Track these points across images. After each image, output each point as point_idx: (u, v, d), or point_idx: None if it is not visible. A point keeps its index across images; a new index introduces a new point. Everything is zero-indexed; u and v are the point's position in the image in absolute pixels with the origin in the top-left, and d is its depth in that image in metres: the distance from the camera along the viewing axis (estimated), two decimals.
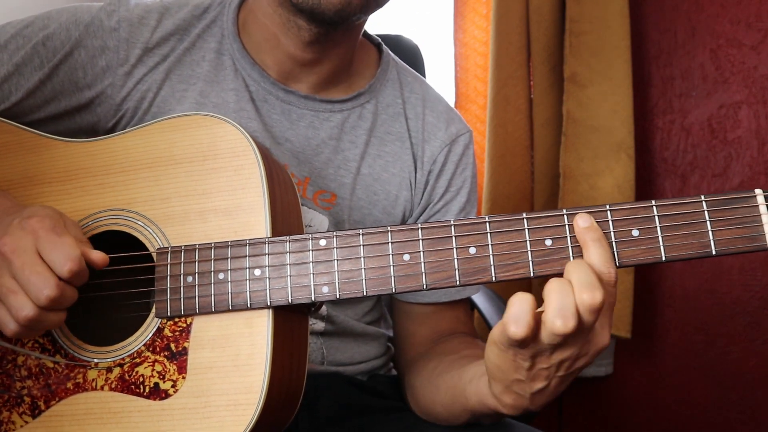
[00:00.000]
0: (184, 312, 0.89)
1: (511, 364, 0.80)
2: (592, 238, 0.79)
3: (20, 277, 0.83)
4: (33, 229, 0.85)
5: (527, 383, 0.82)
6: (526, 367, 0.80)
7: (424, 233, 0.84)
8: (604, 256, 0.78)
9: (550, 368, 0.80)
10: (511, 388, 0.84)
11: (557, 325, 0.73)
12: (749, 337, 1.94)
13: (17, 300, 0.83)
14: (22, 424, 0.93)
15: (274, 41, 1.10)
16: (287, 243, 0.88)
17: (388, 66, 1.23)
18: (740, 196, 0.80)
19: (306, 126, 1.14)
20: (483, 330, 1.64)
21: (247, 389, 0.85)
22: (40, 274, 0.82)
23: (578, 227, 0.80)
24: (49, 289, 0.82)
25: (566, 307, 0.73)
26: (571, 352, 0.78)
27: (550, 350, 0.77)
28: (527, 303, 0.74)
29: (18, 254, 0.83)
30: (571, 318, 0.73)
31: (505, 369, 0.81)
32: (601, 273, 0.77)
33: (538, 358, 0.79)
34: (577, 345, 0.78)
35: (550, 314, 0.73)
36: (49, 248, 0.84)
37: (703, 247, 0.79)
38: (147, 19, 1.11)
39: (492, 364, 0.83)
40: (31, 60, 1.07)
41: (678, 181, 2.01)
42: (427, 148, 1.20)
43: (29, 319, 0.83)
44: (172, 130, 0.96)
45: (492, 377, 0.85)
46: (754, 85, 1.90)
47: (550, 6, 1.97)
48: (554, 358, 0.79)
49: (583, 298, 0.73)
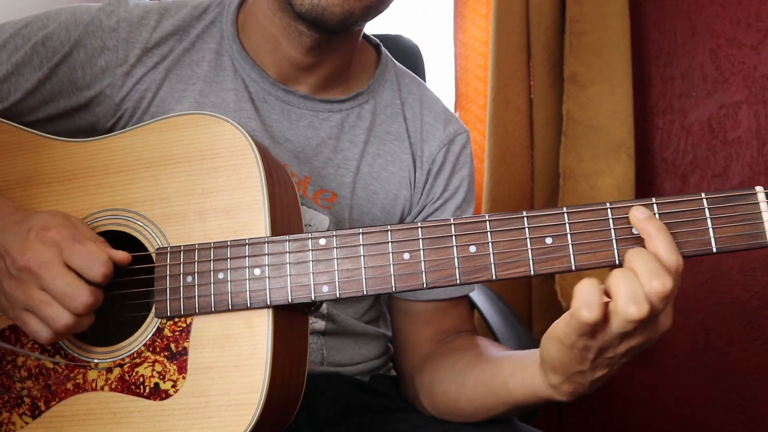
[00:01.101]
0: (183, 312, 0.89)
1: (575, 356, 0.81)
2: (657, 226, 0.78)
3: (52, 288, 0.86)
4: (54, 241, 0.87)
5: (590, 372, 0.83)
6: (591, 359, 0.81)
7: (424, 232, 0.84)
8: (671, 245, 0.78)
9: (615, 357, 0.81)
10: (572, 379, 0.85)
11: (631, 311, 0.73)
12: (749, 337, 1.94)
13: (53, 311, 0.86)
14: (23, 424, 0.93)
15: (273, 43, 1.10)
16: (287, 242, 0.87)
17: (386, 67, 1.24)
18: (741, 193, 0.80)
19: (305, 126, 1.14)
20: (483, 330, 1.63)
21: (248, 389, 0.85)
22: (72, 284, 0.86)
23: (637, 218, 0.79)
24: (85, 296, 0.86)
25: (638, 294, 0.74)
26: (638, 341, 0.79)
27: (619, 339, 0.78)
28: (596, 287, 0.75)
29: (45, 268, 0.86)
30: (644, 304, 0.74)
31: (568, 362, 0.82)
32: (669, 261, 0.77)
33: (606, 348, 0.79)
34: (645, 333, 0.79)
35: (623, 301, 0.74)
36: (77, 258, 0.87)
37: (704, 245, 0.79)
38: (146, 20, 1.11)
39: (553, 359, 0.83)
40: (30, 60, 1.07)
41: (678, 181, 2.01)
42: (426, 147, 1.21)
43: (67, 326, 0.86)
44: (171, 129, 0.96)
45: (552, 370, 0.85)
46: (754, 85, 1.90)
47: (550, 6, 1.97)
48: (621, 347, 0.79)
49: (653, 285, 0.74)
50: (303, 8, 1.00)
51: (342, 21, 1.01)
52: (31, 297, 0.87)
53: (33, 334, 0.88)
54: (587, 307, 0.75)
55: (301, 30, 1.05)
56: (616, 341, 0.78)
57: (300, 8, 1.00)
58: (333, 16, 1.00)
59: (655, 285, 0.74)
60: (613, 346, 0.79)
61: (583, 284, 0.76)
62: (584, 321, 0.75)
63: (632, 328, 0.76)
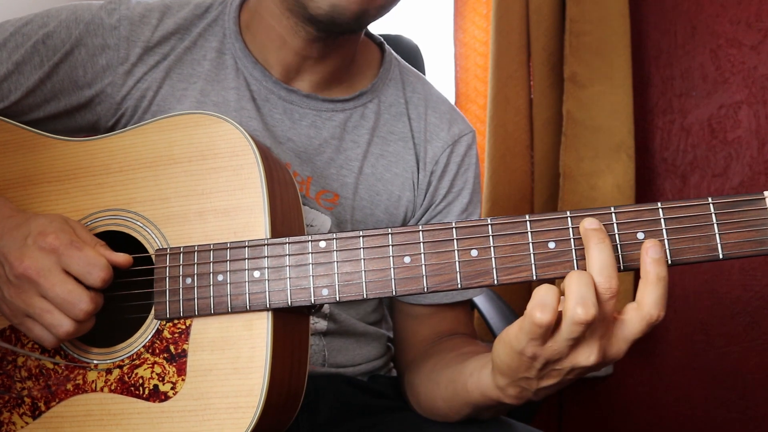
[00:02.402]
0: (183, 314, 0.89)
1: (523, 363, 0.80)
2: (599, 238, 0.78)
3: (52, 296, 0.86)
4: (53, 248, 0.87)
5: (536, 381, 0.82)
6: (538, 368, 0.80)
7: (425, 235, 0.83)
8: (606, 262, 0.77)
9: (562, 370, 0.80)
10: (517, 383, 0.84)
11: (579, 312, 0.73)
12: (749, 337, 1.94)
13: (54, 318, 0.87)
14: (23, 425, 0.93)
15: (279, 42, 1.10)
16: (287, 245, 0.87)
17: (390, 65, 1.23)
18: (748, 198, 0.78)
19: (308, 125, 1.14)
20: (483, 330, 1.63)
21: (247, 392, 0.85)
22: (72, 291, 0.86)
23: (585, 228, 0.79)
24: (85, 303, 0.86)
25: (587, 296, 0.74)
26: (585, 357, 0.78)
27: (567, 349, 0.77)
28: (554, 291, 0.75)
29: (44, 275, 0.86)
30: (591, 306, 0.73)
31: (515, 367, 0.81)
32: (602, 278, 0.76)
33: (553, 360, 0.79)
34: (592, 349, 0.78)
35: (572, 303, 0.74)
36: (76, 264, 0.87)
37: (710, 251, 0.78)
38: (148, 18, 1.11)
39: (501, 362, 0.83)
40: (31, 58, 1.07)
41: (678, 181, 2.01)
42: (430, 148, 1.20)
43: (69, 333, 0.87)
44: (171, 129, 0.95)
45: (499, 372, 0.85)
46: (754, 85, 1.90)
47: (550, 6, 1.97)
48: (567, 361, 0.79)
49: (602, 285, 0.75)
50: (320, 10, 1.00)
51: (357, 18, 1.01)
52: (31, 305, 0.87)
53: (38, 339, 0.89)
54: (541, 308, 0.74)
55: (308, 30, 1.05)
56: (564, 351, 0.77)
57: (317, 11, 1.00)
58: (350, 12, 0.99)
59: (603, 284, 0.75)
60: (561, 358, 0.78)
61: (542, 287, 0.76)
62: (536, 322, 0.74)
63: (579, 333, 0.75)
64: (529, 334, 0.76)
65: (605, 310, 0.76)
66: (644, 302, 0.76)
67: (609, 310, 0.76)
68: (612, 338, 0.78)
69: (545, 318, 0.74)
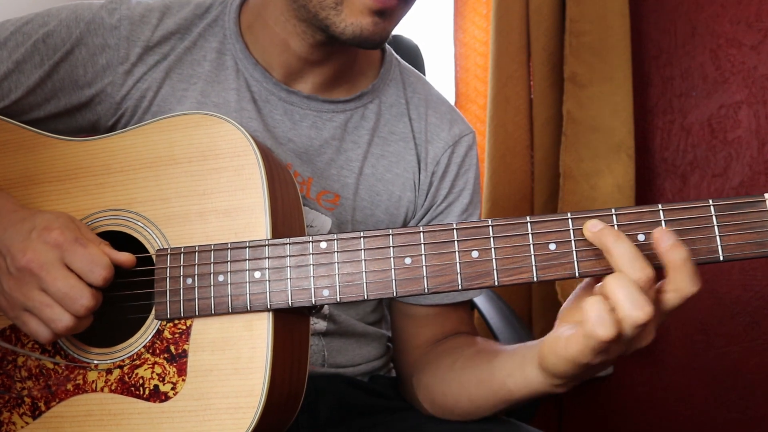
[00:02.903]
0: (183, 314, 0.89)
1: (589, 369, 0.82)
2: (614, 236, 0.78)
3: (53, 290, 0.86)
4: (57, 243, 0.87)
5: (588, 372, 0.84)
6: (595, 364, 0.81)
7: (426, 236, 0.84)
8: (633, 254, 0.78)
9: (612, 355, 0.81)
10: (578, 378, 0.85)
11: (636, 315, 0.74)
12: (749, 337, 1.94)
13: (54, 312, 0.86)
14: (23, 425, 0.93)
15: (282, 46, 1.10)
16: (287, 246, 0.87)
17: (391, 66, 1.23)
18: (749, 200, 0.78)
19: (309, 126, 1.14)
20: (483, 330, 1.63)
21: (247, 392, 0.85)
22: (74, 287, 0.86)
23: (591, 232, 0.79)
24: (86, 299, 0.86)
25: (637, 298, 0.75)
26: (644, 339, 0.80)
27: (630, 345, 0.79)
28: (603, 302, 0.76)
29: (46, 269, 0.86)
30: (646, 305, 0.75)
31: (579, 374, 0.83)
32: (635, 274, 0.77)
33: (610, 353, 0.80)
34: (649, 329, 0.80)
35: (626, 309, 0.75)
36: (79, 261, 0.87)
37: (711, 252, 0.78)
38: (148, 18, 1.11)
39: (562, 372, 0.84)
40: (32, 57, 1.07)
41: (678, 181, 2.01)
42: (431, 149, 1.20)
43: (67, 328, 0.87)
44: (172, 129, 0.95)
45: (558, 377, 0.86)
46: (754, 85, 1.90)
47: (550, 6, 1.97)
48: (630, 349, 0.81)
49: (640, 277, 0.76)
50: (344, 36, 1.00)
51: (380, 44, 1.04)
52: (31, 298, 0.87)
53: (33, 334, 0.89)
54: (602, 324, 0.75)
55: (317, 38, 1.06)
56: (628, 348, 0.80)
57: (342, 36, 1.00)
58: (373, 42, 1.02)
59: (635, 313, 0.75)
60: (623, 352, 0.81)
61: (589, 300, 0.76)
62: (602, 339, 0.75)
63: (640, 331, 0.77)
64: (595, 350, 0.77)
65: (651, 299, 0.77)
66: (680, 286, 0.77)
67: (653, 297, 0.77)
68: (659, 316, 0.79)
69: (610, 333, 0.75)
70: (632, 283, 0.76)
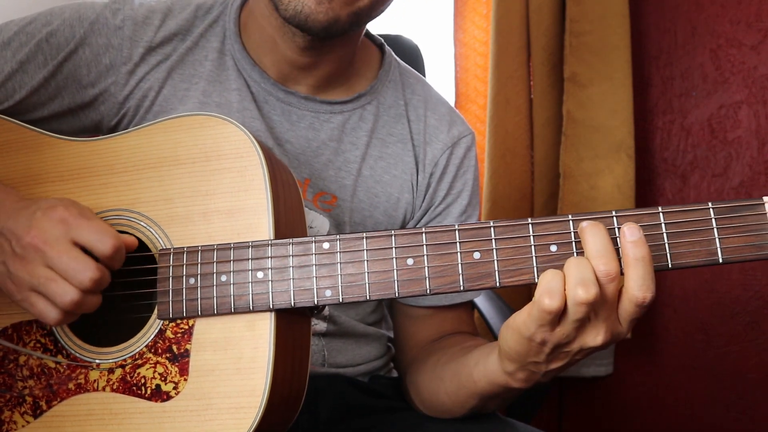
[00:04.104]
0: (186, 314, 0.89)
1: (532, 348, 0.82)
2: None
3: (58, 264, 0.85)
4: (62, 218, 0.87)
5: (545, 364, 0.84)
6: (548, 352, 0.82)
7: (428, 237, 0.84)
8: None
9: (570, 352, 0.82)
10: (526, 368, 0.86)
11: (579, 293, 0.75)
12: (749, 337, 1.94)
13: (59, 287, 0.85)
14: (24, 424, 0.93)
15: (271, 43, 1.10)
16: (290, 246, 0.87)
17: (390, 67, 1.23)
18: (748, 203, 0.79)
19: (306, 127, 1.14)
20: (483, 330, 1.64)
21: (249, 392, 0.85)
22: (77, 258, 0.85)
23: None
24: (91, 271, 0.85)
25: (586, 277, 0.76)
26: (593, 336, 0.80)
27: (575, 331, 0.79)
28: (560, 276, 0.77)
29: (51, 244, 0.86)
30: (592, 286, 0.75)
31: (525, 353, 0.83)
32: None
33: (562, 344, 0.81)
34: (600, 328, 0.80)
35: (572, 284, 0.76)
36: (86, 233, 0.87)
37: (710, 255, 0.79)
38: (151, 19, 1.11)
39: (509, 348, 0.84)
40: (35, 57, 1.07)
41: (678, 181, 2.01)
42: (429, 150, 1.20)
43: (74, 302, 0.85)
44: (176, 130, 0.95)
45: (507, 358, 0.86)
46: (754, 85, 1.90)
47: (550, 6, 1.97)
48: (576, 343, 0.81)
49: (599, 269, 0.77)
50: (287, 14, 1.00)
51: (327, 28, 1.01)
52: (36, 275, 0.86)
53: (40, 315, 0.87)
54: (549, 294, 0.76)
55: (294, 31, 1.04)
56: (572, 333, 0.79)
57: (284, 14, 1.00)
58: (317, 23, 1.00)
59: (601, 268, 0.77)
60: (569, 341, 0.81)
61: (547, 273, 0.78)
62: (545, 308, 0.76)
63: (584, 314, 0.77)
64: (538, 321, 0.78)
65: (607, 293, 0.78)
66: (628, 285, 0.78)
67: (611, 293, 0.78)
68: (616, 319, 0.80)
69: (554, 304, 0.76)
70: (588, 266, 0.77)
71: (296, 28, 1.02)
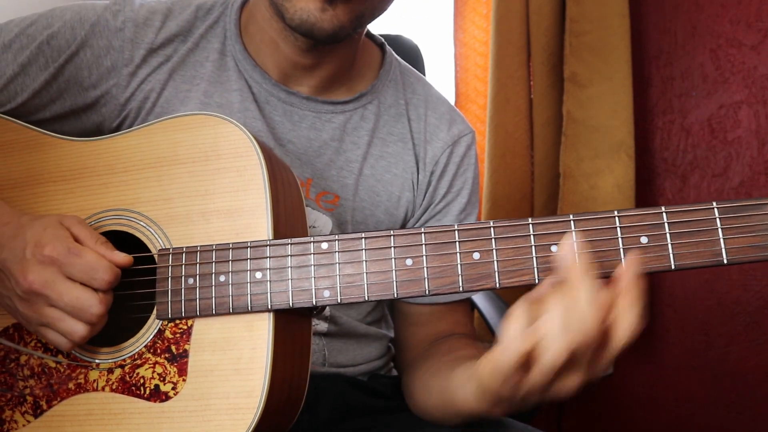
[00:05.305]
0: (184, 314, 0.89)
1: (505, 393, 0.77)
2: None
3: (62, 305, 0.87)
4: (51, 259, 0.88)
5: (519, 402, 0.79)
6: (522, 396, 0.77)
7: (427, 238, 0.83)
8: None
9: (548, 393, 0.77)
10: (501, 404, 0.81)
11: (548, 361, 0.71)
12: (749, 337, 1.94)
13: (68, 325, 0.88)
14: (24, 423, 0.93)
15: (273, 45, 1.10)
16: (289, 246, 0.87)
17: (390, 67, 1.23)
18: (753, 203, 0.77)
19: (308, 127, 1.14)
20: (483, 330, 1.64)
21: (247, 393, 0.85)
22: (80, 297, 0.87)
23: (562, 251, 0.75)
24: (95, 307, 0.87)
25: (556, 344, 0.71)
26: (572, 380, 0.75)
27: (550, 380, 0.74)
28: (519, 323, 0.72)
29: (49, 286, 0.87)
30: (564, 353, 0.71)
31: (498, 395, 0.79)
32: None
33: (536, 390, 0.76)
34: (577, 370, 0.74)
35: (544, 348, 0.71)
36: (78, 271, 0.88)
37: (714, 256, 0.76)
38: (152, 20, 1.11)
39: (483, 391, 0.81)
40: (36, 60, 1.07)
41: (678, 181, 2.01)
42: (429, 149, 1.20)
43: (84, 337, 0.88)
44: (176, 129, 0.96)
45: (482, 398, 0.83)
46: (754, 85, 1.90)
47: (550, 6, 1.97)
48: (554, 388, 0.76)
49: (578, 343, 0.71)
50: (293, 23, 1.00)
51: (333, 35, 1.01)
52: (44, 315, 0.88)
53: (54, 344, 0.91)
54: (504, 351, 0.73)
55: (296, 36, 1.05)
56: (546, 382, 0.74)
57: (291, 22, 1.00)
58: (323, 31, 0.99)
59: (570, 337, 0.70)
60: (545, 389, 0.75)
61: (510, 319, 0.73)
62: (503, 366, 0.73)
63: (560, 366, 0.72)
64: (502, 375, 0.74)
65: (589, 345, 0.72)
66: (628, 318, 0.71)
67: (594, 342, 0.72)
68: (600, 358, 0.74)
69: (510, 361, 0.72)
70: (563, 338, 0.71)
71: (302, 36, 1.03)
